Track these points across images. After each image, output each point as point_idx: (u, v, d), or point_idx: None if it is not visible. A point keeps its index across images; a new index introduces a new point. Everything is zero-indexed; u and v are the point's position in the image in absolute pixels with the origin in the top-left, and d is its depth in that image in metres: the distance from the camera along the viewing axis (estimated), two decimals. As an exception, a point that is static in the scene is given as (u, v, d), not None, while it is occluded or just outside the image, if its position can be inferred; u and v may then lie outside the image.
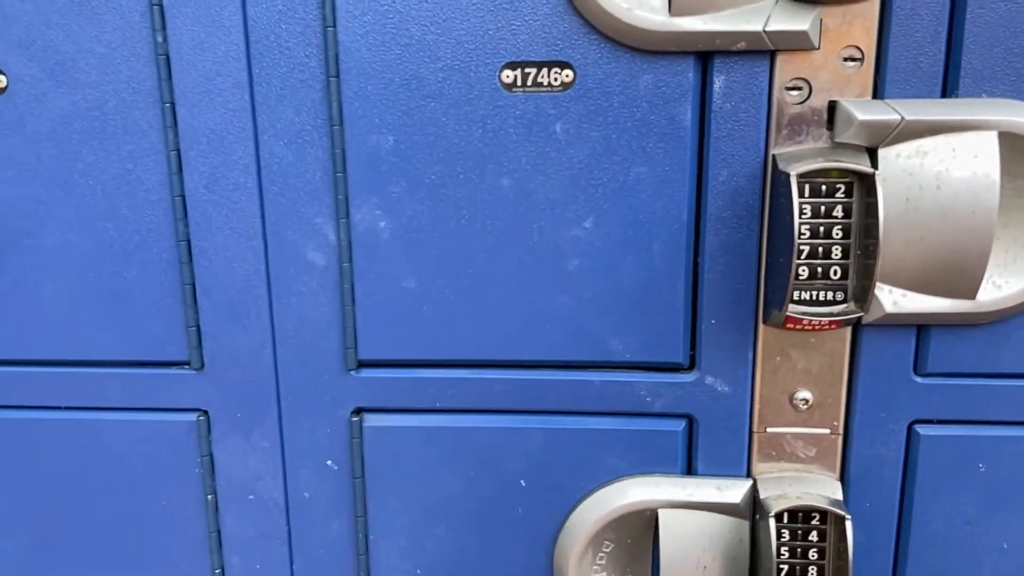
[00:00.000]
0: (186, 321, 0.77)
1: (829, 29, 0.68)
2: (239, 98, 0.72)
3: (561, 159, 0.72)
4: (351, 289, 0.76)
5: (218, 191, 0.74)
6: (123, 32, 0.71)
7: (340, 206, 0.74)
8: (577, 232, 0.74)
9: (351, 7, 0.70)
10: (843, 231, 0.68)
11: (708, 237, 0.73)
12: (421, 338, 0.77)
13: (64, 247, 0.76)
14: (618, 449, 0.78)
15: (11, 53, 0.72)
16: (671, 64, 0.69)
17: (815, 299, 0.70)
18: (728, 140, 0.71)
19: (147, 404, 0.80)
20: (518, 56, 0.70)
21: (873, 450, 0.77)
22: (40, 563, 0.85)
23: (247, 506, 0.82)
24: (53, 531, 0.84)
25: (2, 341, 0.79)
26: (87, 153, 0.74)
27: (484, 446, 0.79)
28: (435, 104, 0.71)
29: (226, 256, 0.76)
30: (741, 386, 0.76)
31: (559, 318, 0.76)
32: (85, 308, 0.78)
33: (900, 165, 0.68)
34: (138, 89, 0.72)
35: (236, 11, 0.70)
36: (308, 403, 0.79)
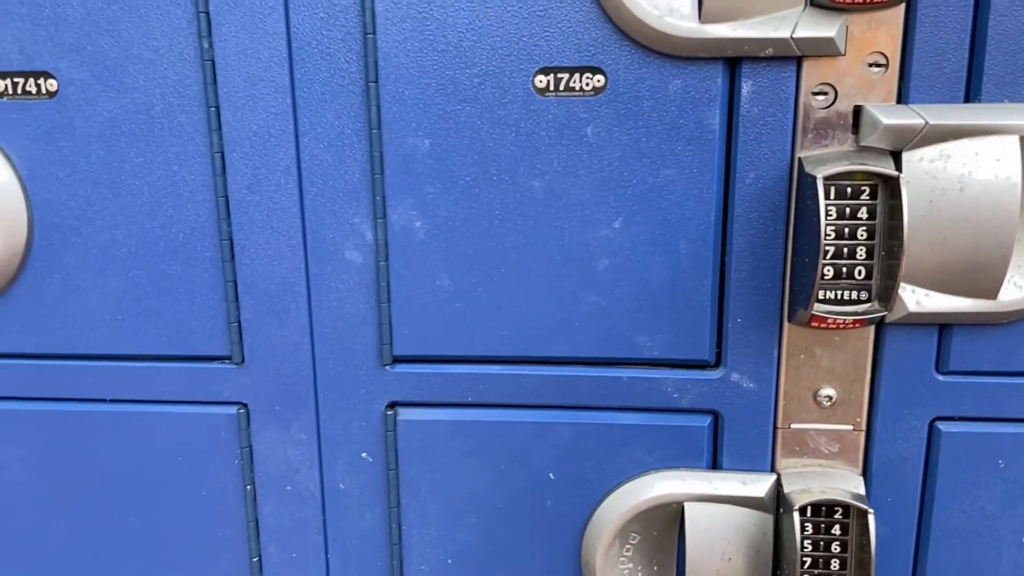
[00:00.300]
0: (228, 317, 0.80)
1: (855, 35, 0.70)
2: (281, 102, 0.75)
3: (592, 161, 0.74)
4: (387, 287, 0.78)
5: (260, 192, 0.77)
6: (170, 38, 0.74)
7: (377, 206, 0.76)
8: (607, 232, 0.76)
9: (390, 14, 0.72)
10: (867, 232, 0.70)
11: (735, 238, 0.75)
12: (454, 334, 0.79)
13: (111, 245, 0.79)
14: (645, 444, 0.81)
15: (62, 58, 0.75)
16: (700, 69, 0.71)
17: (840, 298, 0.71)
18: (755, 143, 0.73)
19: (189, 397, 0.83)
20: (551, 62, 0.72)
21: (895, 446, 0.78)
22: (86, 548, 0.88)
23: (284, 496, 0.85)
24: (99, 518, 0.87)
25: (53, 336, 0.82)
26: (134, 155, 0.77)
27: (514, 440, 0.81)
28: (470, 108, 0.74)
29: (267, 254, 0.78)
30: (766, 383, 0.78)
31: (588, 316, 0.78)
32: (131, 304, 0.81)
33: (924, 168, 0.70)
34: (184, 93, 0.75)
35: (279, 18, 0.73)
36: (344, 397, 0.82)
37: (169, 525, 0.87)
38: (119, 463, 0.85)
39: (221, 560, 0.87)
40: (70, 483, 0.86)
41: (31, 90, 0.76)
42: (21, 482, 0.87)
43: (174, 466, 0.85)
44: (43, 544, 0.88)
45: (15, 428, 0.85)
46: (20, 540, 0.89)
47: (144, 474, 0.85)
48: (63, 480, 0.86)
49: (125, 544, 0.88)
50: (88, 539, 0.88)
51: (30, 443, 0.86)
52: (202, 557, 0.87)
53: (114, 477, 0.86)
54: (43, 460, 0.86)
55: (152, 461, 0.85)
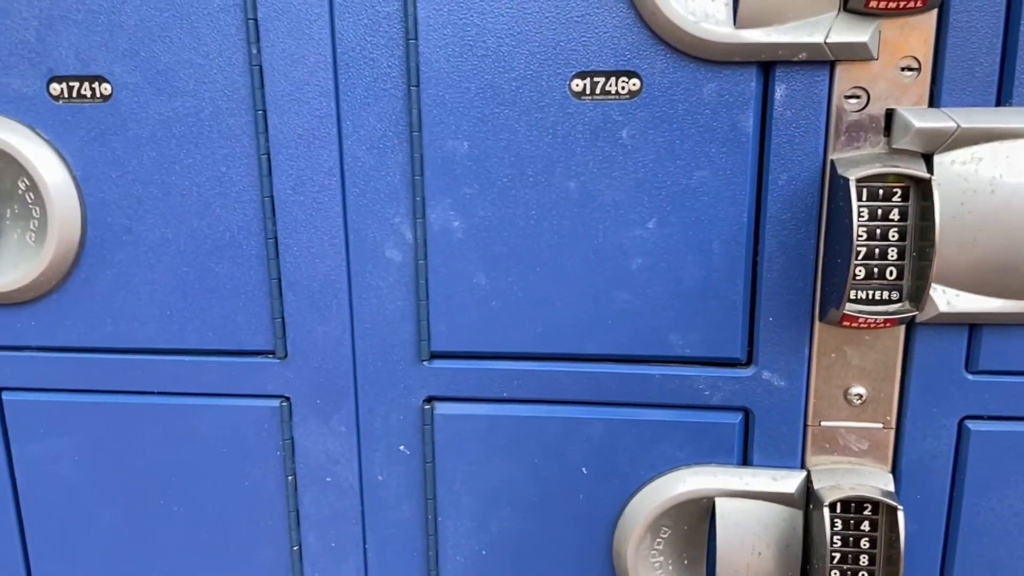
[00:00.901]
0: (272, 313, 0.83)
1: (887, 40, 0.71)
2: (326, 106, 0.77)
3: (627, 163, 0.76)
4: (425, 285, 0.81)
5: (304, 192, 0.79)
6: (220, 44, 0.77)
7: (417, 207, 0.79)
8: (640, 232, 0.78)
9: (432, 21, 0.74)
10: (899, 233, 0.72)
11: (767, 238, 0.77)
12: (490, 331, 0.81)
13: (161, 243, 0.82)
14: (676, 440, 0.82)
15: (116, 63, 0.78)
16: (734, 73, 0.73)
17: (871, 298, 0.73)
18: (788, 146, 0.74)
19: (234, 390, 0.86)
20: (588, 66, 0.74)
21: (924, 444, 0.80)
22: (135, 535, 0.92)
23: (324, 487, 0.88)
24: (147, 506, 0.90)
25: (104, 330, 0.85)
26: (184, 156, 0.80)
27: (548, 435, 0.83)
28: (508, 111, 0.76)
29: (310, 253, 0.81)
30: (797, 381, 0.80)
31: (621, 314, 0.80)
32: (179, 300, 0.83)
33: (955, 171, 0.71)
34: (232, 97, 0.78)
35: (325, 25, 0.75)
36: (383, 391, 0.84)
37: (213, 514, 0.90)
38: (167, 453, 0.88)
39: (263, 548, 0.90)
40: (120, 472, 0.90)
41: (86, 94, 0.79)
42: (74, 470, 0.90)
43: (219, 457, 0.88)
44: (94, 529, 0.92)
45: (69, 419, 0.89)
46: (73, 525, 0.92)
47: (190, 464, 0.88)
48: (113, 469, 0.90)
49: (171, 531, 0.91)
50: (136, 526, 0.91)
51: (82, 433, 0.89)
52: (244, 545, 0.90)
53: (162, 467, 0.89)
54: (95, 450, 0.89)
55: (198, 452, 0.88)
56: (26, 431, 0.90)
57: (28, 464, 0.91)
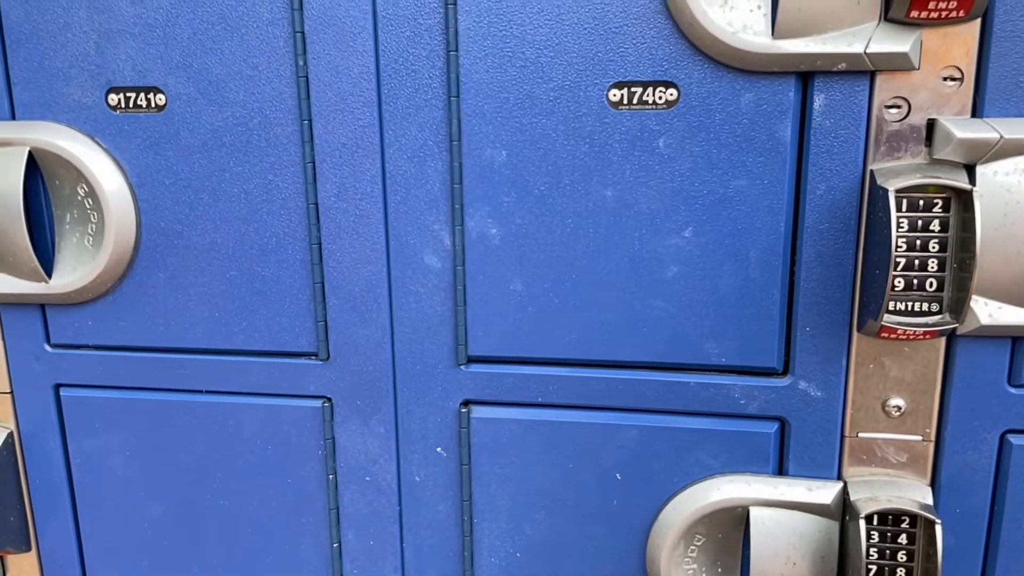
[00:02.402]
0: (315, 316, 0.85)
1: (929, 49, 0.70)
2: (369, 116, 0.79)
3: (663, 172, 0.77)
4: (463, 290, 0.82)
5: (347, 199, 0.82)
6: (268, 56, 0.79)
7: (456, 214, 0.80)
8: (676, 241, 0.78)
9: (472, 32, 0.76)
10: (939, 244, 0.71)
11: (805, 247, 0.76)
12: (526, 337, 0.83)
13: (210, 247, 0.85)
14: (711, 448, 0.82)
15: (171, 75, 0.81)
16: (772, 83, 0.73)
17: (910, 310, 0.72)
18: (827, 156, 0.74)
19: (278, 391, 0.88)
20: (625, 76, 0.75)
21: (965, 458, 0.79)
22: (184, 528, 0.95)
23: (363, 486, 0.90)
24: (194, 502, 0.93)
25: (156, 330, 0.89)
26: (233, 164, 0.83)
27: (582, 440, 0.84)
28: (546, 121, 0.77)
29: (352, 258, 0.83)
30: (834, 392, 0.79)
31: (657, 322, 0.80)
32: (227, 303, 0.87)
33: (998, 182, 0.70)
34: (280, 107, 0.81)
35: (368, 37, 0.78)
36: (421, 394, 0.86)
37: (257, 510, 0.93)
38: (213, 450, 0.92)
39: (304, 544, 0.93)
40: (168, 468, 0.93)
41: (142, 104, 0.83)
42: (126, 465, 0.94)
43: (263, 455, 0.90)
44: (145, 521, 0.96)
45: (122, 415, 0.93)
46: (124, 517, 0.96)
47: (236, 461, 0.91)
48: (164, 464, 0.93)
49: (219, 525, 0.94)
50: (185, 519, 0.95)
51: (135, 429, 0.93)
52: (286, 541, 0.93)
53: (208, 463, 0.92)
54: (145, 445, 0.93)
55: (243, 449, 0.91)
56: (82, 426, 0.94)
57: (84, 458, 0.95)
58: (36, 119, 0.84)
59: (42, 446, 0.95)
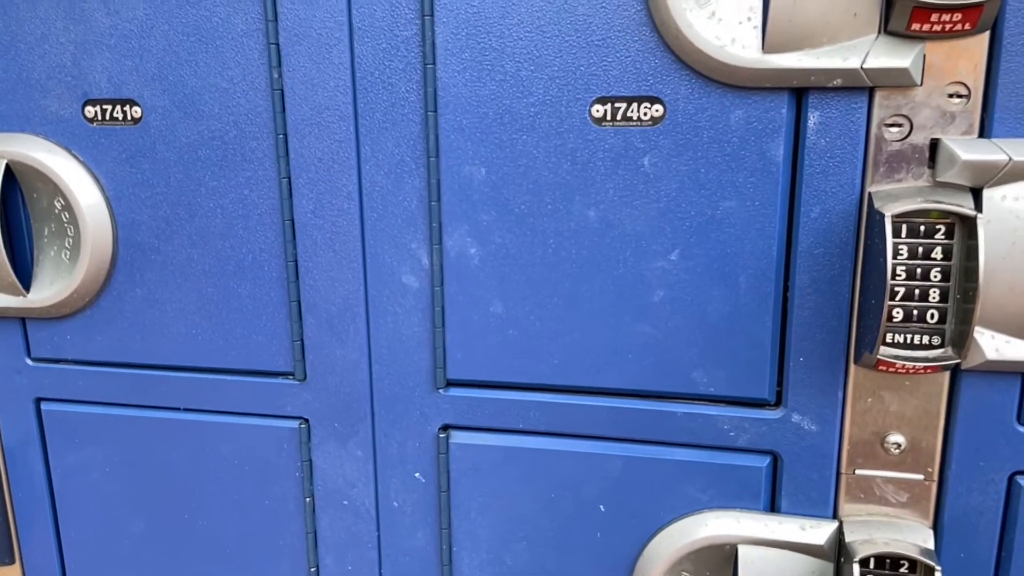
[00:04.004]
0: (291, 335, 0.83)
1: (933, 64, 0.66)
2: (345, 130, 0.77)
3: (649, 192, 0.73)
4: (441, 312, 0.79)
5: (323, 216, 0.79)
6: (243, 68, 0.77)
7: (434, 233, 0.77)
8: (663, 264, 0.74)
9: (450, 45, 0.73)
10: (942, 273, 0.66)
11: (798, 273, 0.72)
12: (506, 361, 0.79)
13: (187, 263, 0.83)
14: (699, 481, 0.78)
15: (146, 87, 0.80)
16: (763, 100, 0.69)
17: (909, 342, 0.67)
18: (822, 176, 0.70)
19: (255, 410, 0.86)
20: (608, 91, 0.71)
21: (970, 499, 0.73)
22: (163, 546, 0.93)
23: (341, 510, 0.87)
24: (172, 520, 0.92)
25: (133, 346, 0.87)
26: (209, 179, 0.81)
27: (565, 469, 0.81)
28: (526, 137, 0.74)
29: (329, 276, 0.81)
30: (829, 426, 0.75)
31: (642, 348, 0.76)
32: (203, 319, 0.85)
33: (1007, 207, 0.65)
34: (255, 121, 0.78)
35: (344, 49, 0.75)
36: (399, 417, 0.83)
37: (235, 531, 0.90)
38: (191, 469, 0.90)
39: (282, 567, 0.90)
40: (148, 485, 0.91)
41: (118, 116, 0.81)
42: (106, 480, 0.93)
43: (240, 475, 0.88)
44: (125, 538, 0.94)
45: (101, 431, 0.91)
46: (105, 533, 0.95)
47: (213, 481, 0.89)
48: (143, 481, 0.91)
49: (197, 545, 0.92)
50: (163, 538, 0.93)
51: (114, 445, 0.91)
52: (265, 563, 0.91)
53: (186, 482, 0.90)
54: (124, 462, 0.91)
55: (220, 469, 0.89)
56: (63, 441, 0.93)
57: (65, 472, 0.94)
58: (14, 131, 0.83)
59: (24, 460, 0.94)
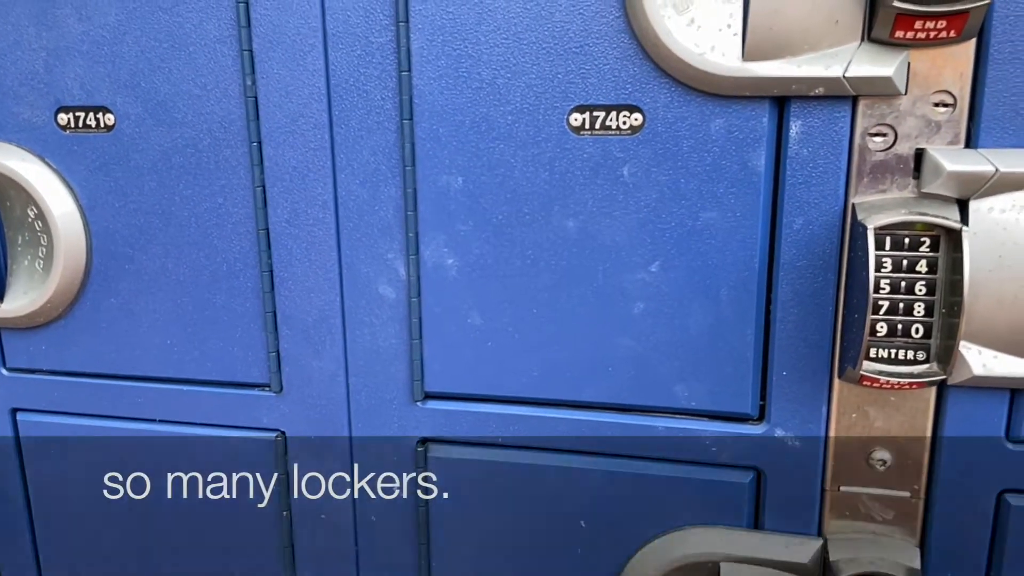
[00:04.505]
0: (267, 347, 0.81)
1: (917, 72, 0.64)
2: (320, 138, 0.75)
3: (628, 202, 0.71)
4: (419, 323, 0.78)
5: (299, 225, 0.78)
6: (216, 75, 0.76)
7: (410, 243, 0.76)
8: (643, 276, 0.73)
9: (425, 52, 0.71)
10: (927, 287, 0.64)
11: (781, 286, 0.70)
12: (485, 373, 0.78)
13: (162, 273, 0.82)
14: (681, 497, 0.77)
15: (119, 94, 0.78)
16: (744, 109, 0.67)
17: (893, 357, 0.66)
18: (804, 187, 0.68)
19: (231, 422, 0.85)
20: (587, 99, 0.70)
21: (958, 518, 0.72)
22: (138, 559, 0.92)
23: (318, 524, 0.86)
24: (148, 531, 0.90)
25: (109, 357, 0.86)
26: (183, 187, 0.79)
27: (544, 484, 0.79)
28: (504, 146, 0.72)
29: (305, 287, 0.79)
30: (813, 441, 0.73)
31: (623, 361, 0.75)
32: (179, 330, 0.83)
33: (993, 219, 0.63)
34: (229, 128, 0.77)
35: (318, 56, 0.73)
36: (377, 430, 0.82)
37: (212, 544, 0.89)
38: (166, 481, 0.88)
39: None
40: (123, 496, 0.90)
41: (91, 124, 0.79)
42: (82, 491, 0.91)
43: (216, 488, 0.87)
44: (100, 550, 0.93)
45: (77, 442, 0.90)
46: (80, 544, 0.93)
47: (189, 494, 0.88)
48: (115, 493, 0.90)
49: (172, 559, 0.91)
50: (139, 551, 0.91)
51: (89, 456, 0.90)
52: None
53: (162, 494, 0.89)
54: (100, 473, 0.90)
55: (196, 482, 0.87)
56: (39, 452, 0.91)
57: (41, 483, 0.92)
58: (-14, 138, 0.82)
59: (1, 470, 0.93)
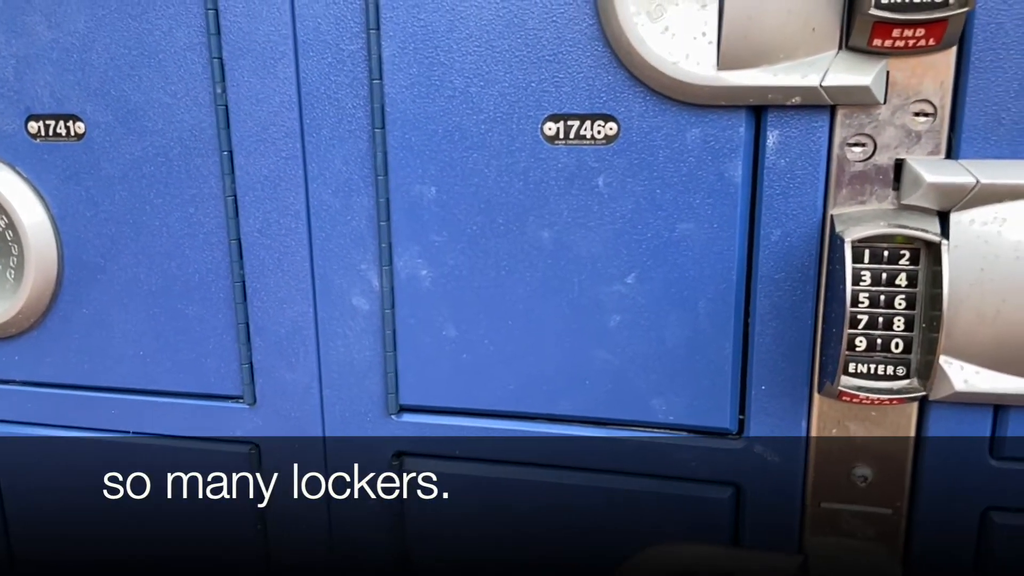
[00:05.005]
0: (240, 358, 0.80)
1: (897, 81, 0.62)
2: (291, 147, 0.74)
3: (603, 213, 0.70)
4: (392, 335, 0.76)
5: (271, 235, 0.76)
6: (186, 83, 0.74)
7: (383, 253, 0.74)
8: (619, 287, 0.71)
9: (397, 60, 0.70)
10: (907, 301, 0.63)
11: (759, 298, 0.69)
12: (460, 386, 0.76)
13: (134, 283, 0.81)
14: (659, 513, 0.75)
15: (89, 101, 0.77)
16: (720, 118, 0.66)
17: (873, 373, 0.64)
18: (782, 198, 0.66)
19: (205, 434, 0.84)
20: (561, 108, 0.68)
21: (941, 535, 0.70)
22: (111, 572, 0.91)
23: (295, 538, 0.84)
24: (124, 546, 0.89)
25: (81, 368, 0.85)
26: (154, 196, 0.78)
27: (521, 499, 0.78)
28: (477, 155, 0.71)
29: (277, 298, 0.78)
30: (793, 457, 0.71)
31: (599, 374, 0.73)
32: (151, 341, 0.82)
33: (975, 232, 0.62)
34: (200, 137, 0.76)
35: (289, 63, 0.72)
36: (352, 443, 0.80)
37: (189, 558, 0.88)
38: (142, 494, 0.87)
39: (235, 595, 0.88)
40: (100, 510, 0.89)
41: (61, 132, 0.78)
42: (58, 504, 0.90)
43: (192, 501, 0.85)
44: (76, 564, 0.91)
45: (51, 453, 0.89)
46: (56, 557, 0.92)
47: (164, 507, 0.86)
48: (94, 506, 0.89)
49: (148, 572, 0.89)
50: (116, 564, 0.90)
51: (64, 468, 0.89)
52: (218, 590, 0.88)
53: (137, 506, 0.87)
54: (76, 485, 0.89)
55: (171, 495, 0.86)
56: (14, 463, 0.90)
57: (16, 495, 0.91)
58: (-43, 147, 0.81)
59: (-25, 481, 0.92)
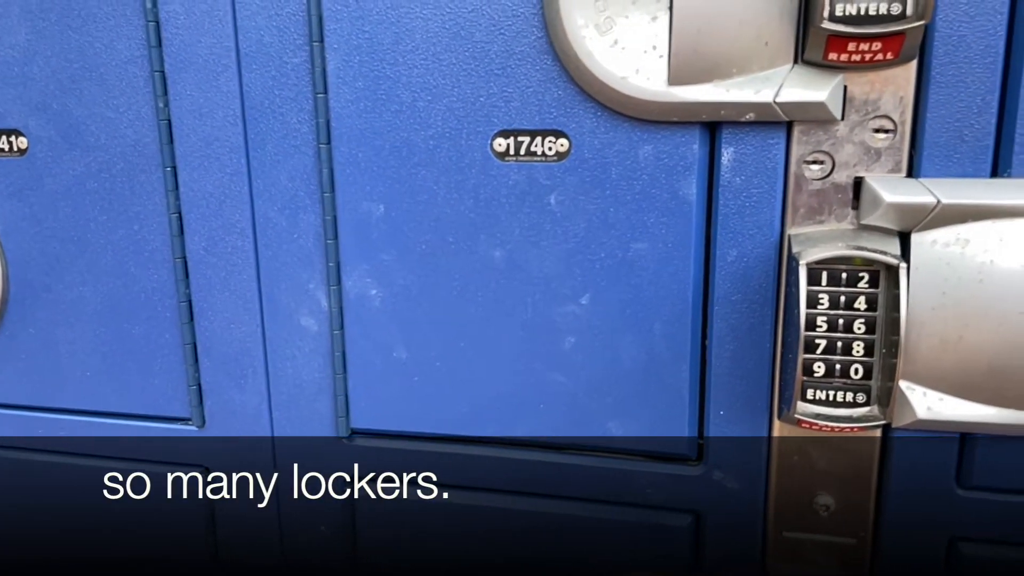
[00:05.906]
0: (188, 380, 0.78)
1: (855, 96, 0.60)
2: (236, 162, 0.72)
3: (556, 231, 0.67)
4: (342, 356, 0.74)
5: (217, 253, 0.74)
6: (128, 97, 0.72)
7: (331, 272, 0.72)
8: (573, 308, 0.69)
9: (341, 73, 0.68)
10: (866, 325, 0.60)
11: (716, 320, 0.66)
12: (413, 409, 0.74)
13: (79, 302, 0.78)
14: (618, 540, 0.73)
15: (31, 116, 0.75)
16: (674, 135, 0.63)
17: (832, 399, 0.62)
18: (738, 217, 0.64)
19: (153, 457, 0.81)
20: (511, 124, 0.66)
21: (907, 567, 0.68)
22: (64, 596, 0.89)
23: (246, 567, 0.82)
24: (71, 567, 0.87)
25: (30, 388, 0.82)
26: (98, 213, 0.76)
27: (476, 525, 0.75)
28: (426, 172, 0.68)
29: (225, 317, 0.76)
30: (754, 484, 0.69)
31: (554, 397, 0.71)
32: (98, 362, 0.80)
33: (936, 253, 0.59)
34: (143, 152, 0.73)
35: (232, 77, 0.70)
36: (303, 468, 0.78)
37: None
38: (98, 516, 0.85)
39: (187, 621, 0.85)
40: (54, 529, 0.87)
41: (3, 147, 0.76)
42: (12, 525, 0.88)
43: (142, 523, 0.83)
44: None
45: (7, 474, 0.86)
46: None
47: (116, 530, 0.84)
48: (48, 526, 0.87)
49: (99, 595, 0.87)
50: None
51: (17, 489, 0.86)
52: (170, 616, 0.86)
53: (89, 529, 0.85)
54: (29, 506, 0.86)
55: (121, 518, 0.83)
56: (-37, 484, 0.88)
57: (-34, 516, 0.89)
58: (-103, 162, 0.79)
59: (-75, 503, 0.90)
